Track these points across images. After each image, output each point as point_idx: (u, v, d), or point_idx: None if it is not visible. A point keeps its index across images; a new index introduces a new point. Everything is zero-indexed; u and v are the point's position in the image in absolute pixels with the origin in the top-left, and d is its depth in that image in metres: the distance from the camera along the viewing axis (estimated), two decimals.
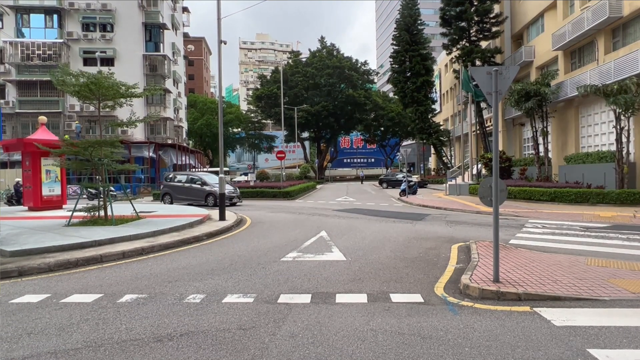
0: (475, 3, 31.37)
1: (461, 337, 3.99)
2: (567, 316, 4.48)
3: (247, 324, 4.41)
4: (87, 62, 35.49)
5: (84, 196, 19.25)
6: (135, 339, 4.06)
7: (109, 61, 36.05)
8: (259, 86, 57.60)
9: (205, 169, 50.34)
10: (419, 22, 43.69)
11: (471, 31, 32.44)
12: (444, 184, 29.51)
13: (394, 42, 44.93)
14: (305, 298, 5.29)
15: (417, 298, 5.25)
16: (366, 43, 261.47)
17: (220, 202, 13.38)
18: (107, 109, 12.96)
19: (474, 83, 24.42)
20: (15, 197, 20.49)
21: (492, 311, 4.74)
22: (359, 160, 72.38)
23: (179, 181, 21.21)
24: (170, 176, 22.62)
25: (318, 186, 40.34)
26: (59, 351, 3.80)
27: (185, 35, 56.75)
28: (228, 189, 19.09)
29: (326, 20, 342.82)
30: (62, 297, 5.51)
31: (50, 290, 5.83)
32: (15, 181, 21.43)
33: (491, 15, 31.52)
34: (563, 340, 3.88)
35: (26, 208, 16.51)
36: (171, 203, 20.36)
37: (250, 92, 68.63)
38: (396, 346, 3.81)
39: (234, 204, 19.62)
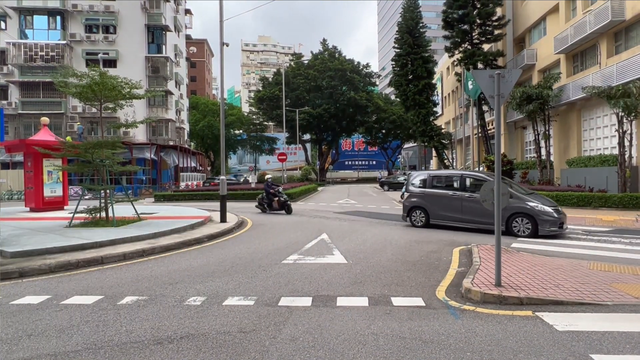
0: (478, 6, 31.37)
1: (463, 342, 3.97)
2: (569, 321, 4.45)
3: (248, 327, 4.39)
4: (89, 63, 35.57)
5: (86, 197, 19.26)
6: (135, 341, 4.05)
7: (111, 63, 36.18)
8: (260, 88, 57.74)
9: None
10: (421, 25, 43.70)
11: (473, 34, 32.43)
12: None
13: (396, 45, 44.95)
14: (306, 301, 5.27)
15: (419, 302, 5.22)
16: (371, 46, 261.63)
17: (222, 202, 13.37)
18: (109, 111, 13.00)
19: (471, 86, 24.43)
20: (267, 200, 16.79)
21: (494, 315, 4.72)
22: (360, 162, 72.38)
23: (445, 185, 12.20)
24: (420, 178, 12.89)
25: (319, 188, 40.32)
26: (58, 353, 3.80)
27: (188, 37, 56.93)
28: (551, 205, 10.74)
29: (332, 23, 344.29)
30: (62, 298, 5.50)
31: (50, 292, 5.82)
32: (265, 178, 17.68)
33: (493, 19, 31.51)
34: (566, 345, 3.86)
35: (28, 209, 16.55)
36: (426, 224, 12.13)
37: (252, 94, 68.74)
38: (397, 350, 3.79)
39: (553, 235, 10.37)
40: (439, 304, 5.17)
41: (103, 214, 11.78)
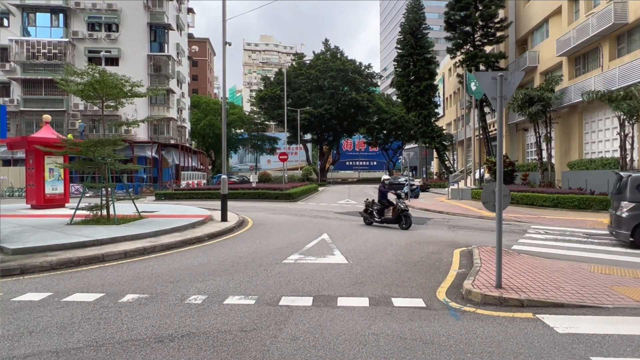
0: (480, 8, 31.37)
1: (463, 343, 3.97)
2: (570, 323, 4.45)
3: (249, 326, 4.40)
4: (92, 61, 35.64)
5: (88, 195, 19.26)
6: (136, 339, 4.06)
7: (113, 61, 36.22)
8: (262, 87, 57.70)
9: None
10: (424, 26, 43.73)
11: (475, 36, 32.44)
12: (446, 188, 29.44)
13: (399, 46, 45.00)
14: (307, 301, 5.28)
15: (419, 302, 5.23)
16: (375, 47, 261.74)
17: (223, 201, 13.38)
18: (111, 109, 13.00)
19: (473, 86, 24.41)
20: (377, 207, 12.76)
21: (494, 317, 4.72)
22: (361, 163, 72.35)
23: None
24: None
25: (320, 188, 40.33)
26: (60, 350, 3.80)
27: (190, 36, 56.98)
28: None
29: (336, 24, 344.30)
30: (63, 295, 5.51)
31: (52, 289, 5.83)
32: (382, 179, 13.75)
33: (496, 20, 31.52)
34: (566, 347, 3.86)
35: (29, 206, 16.57)
36: None
37: (254, 94, 68.80)
38: (398, 351, 3.79)
39: None
40: (439, 305, 5.17)
41: (104, 212, 11.79)
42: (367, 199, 13.70)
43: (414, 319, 4.63)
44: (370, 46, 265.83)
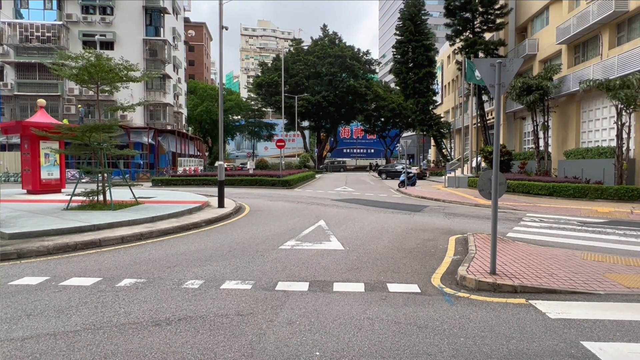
0: None
1: (457, 328, 4.03)
2: (562, 309, 4.52)
3: (245, 310, 4.45)
4: (86, 45, 35.11)
5: (84, 180, 19.18)
6: (133, 322, 4.10)
7: (108, 45, 35.69)
8: (259, 74, 57.15)
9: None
10: (423, 12, 43.25)
11: (475, 22, 32.13)
12: (443, 176, 29.51)
13: (397, 32, 44.55)
14: (303, 286, 5.33)
15: (414, 288, 5.29)
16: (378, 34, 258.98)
17: (220, 187, 13.38)
18: (106, 93, 12.87)
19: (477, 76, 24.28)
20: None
21: (488, 303, 4.79)
22: (358, 150, 72.29)
23: None
24: None
25: (317, 175, 40.33)
26: (58, 333, 3.84)
27: (186, 20, 56.09)
28: None
29: (339, 11, 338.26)
30: (61, 280, 5.54)
31: (49, 273, 5.86)
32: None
33: (496, 7, 31.19)
34: (557, 332, 3.93)
35: (25, 191, 16.51)
36: None
37: (251, 80, 68.13)
38: (392, 335, 3.85)
39: None
40: (434, 290, 5.24)
41: (101, 197, 11.77)
42: None
43: (408, 304, 4.69)
44: (375, 33, 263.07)
